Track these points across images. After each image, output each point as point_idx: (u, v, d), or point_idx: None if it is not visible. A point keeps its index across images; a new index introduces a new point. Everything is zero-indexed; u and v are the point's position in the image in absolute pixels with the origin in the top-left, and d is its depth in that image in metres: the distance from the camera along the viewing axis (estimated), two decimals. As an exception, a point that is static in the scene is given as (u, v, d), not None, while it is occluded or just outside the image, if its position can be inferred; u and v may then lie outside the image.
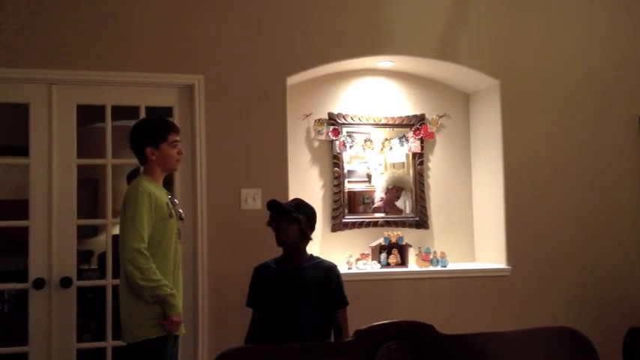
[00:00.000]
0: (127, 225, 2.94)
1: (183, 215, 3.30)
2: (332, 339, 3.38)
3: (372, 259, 4.34)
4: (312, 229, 3.43)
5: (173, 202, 3.18)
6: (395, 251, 4.35)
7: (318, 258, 3.49)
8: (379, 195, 4.62)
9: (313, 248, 4.39)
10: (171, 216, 3.07)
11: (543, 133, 4.49)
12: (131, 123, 3.27)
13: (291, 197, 4.01)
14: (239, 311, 3.50)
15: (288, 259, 3.41)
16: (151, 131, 3.15)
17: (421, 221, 4.61)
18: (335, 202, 4.48)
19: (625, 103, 4.64)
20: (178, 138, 3.19)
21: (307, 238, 3.41)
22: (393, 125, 4.62)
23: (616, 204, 4.58)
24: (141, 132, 3.16)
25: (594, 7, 4.68)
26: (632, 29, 4.73)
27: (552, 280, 4.40)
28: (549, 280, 4.40)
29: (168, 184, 3.41)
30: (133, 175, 4.04)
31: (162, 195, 3.10)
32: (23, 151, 3.79)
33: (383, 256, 4.33)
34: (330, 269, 3.42)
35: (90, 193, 5.67)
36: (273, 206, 3.39)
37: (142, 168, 3.24)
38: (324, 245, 4.44)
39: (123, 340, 3.03)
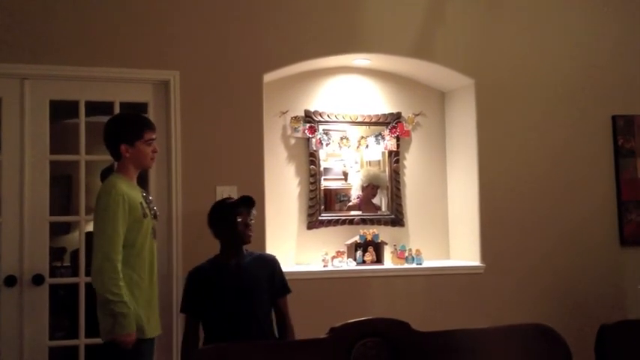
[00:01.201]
0: (101, 229, 2.88)
1: (157, 213, 3.25)
2: (275, 328, 3.44)
3: (348, 257, 4.34)
4: None
5: (147, 201, 3.13)
6: (370, 249, 4.36)
7: (254, 252, 3.53)
8: (355, 193, 4.62)
9: (290, 246, 4.41)
10: (145, 216, 3.01)
11: (518, 132, 4.53)
12: (105, 119, 3.21)
13: (267, 195, 4.02)
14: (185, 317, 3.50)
15: (231, 256, 3.41)
16: (127, 128, 3.09)
17: (397, 219, 4.63)
18: (311, 199, 4.47)
19: (599, 102, 4.70)
20: (154, 136, 3.14)
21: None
22: (370, 123, 4.63)
23: (590, 203, 4.64)
24: (116, 128, 3.10)
25: (569, 8, 4.73)
26: (607, 30, 4.79)
27: (526, 277, 4.45)
28: (523, 277, 4.44)
29: (142, 182, 3.37)
30: (107, 172, 3.98)
31: (136, 194, 3.04)
32: (-5, 146, 3.74)
33: (359, 253, 4.34)
34: (272, 261, 3.51)
35: (63, 189, 5.59)
36: (249, 200, 3.43)
37: (115, 165, 3.20)
38: (300, 243, 4.44)
39: (101, 337, 2.98)
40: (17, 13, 3.72)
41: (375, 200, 4.67)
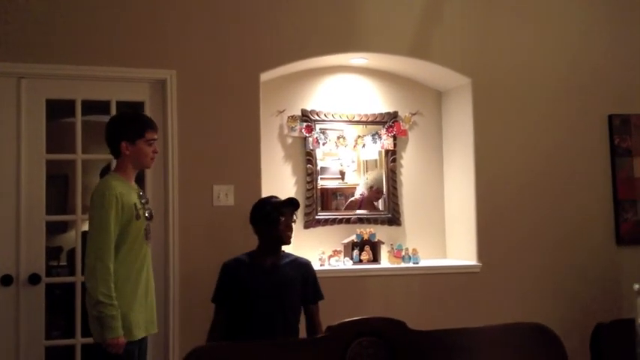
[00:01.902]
0: (94, 229, 2.88)
1: (153, 214, 3.22)
2: (304, 334, 3.42)
3: (345, 256, 4.35)
4: None
5: (142, 201, 3.10)
6: (367, 248, 4.37)
7: (290, 254, 3.51)
8: (360, 190, 4.62)
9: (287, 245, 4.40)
10: (138, 217, 2.98)
11: (514, 132, 4.54)
12: (102, 118, 3.23)
13: (264, 194, 4.01)
14: (210, 308, 3.48)
15: (268, 255, 3.41)
16: (129, 125, 3.07)
17: (393, 218, 4.63)
18: (308, 198, 4.48)
19: (595, 101, 4.71)
20: (156, 136, 3.12)
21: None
22: (366, 122, 4.64)
23: (586, 202, 4.64)
24: (118, 125, 3.09)
25: (566, 8, 4.74)
26: (603, 29, 4.79)
27: (522, 276, 4.45)
28: (519, 276, 4.45)
29: (139, 181, 3.36)
30: (106, 171, 3.98)
31: (131, 195, 3.01)
32: (-9, 145, 3.73)
33: (355, 252, 4.34)
34: (307, 265, 3.50)
35: (59, 188, 5.58)
36: (294, 202, 3.46)
37: (113, 162, 3.19)
38: (297, 242, 4.41)
39: (93, 338, 2.97)
40: (14, 12, 3.71)
41: (376, 203, 4.67)
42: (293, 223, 3.46)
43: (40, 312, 3.70)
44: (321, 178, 4.54)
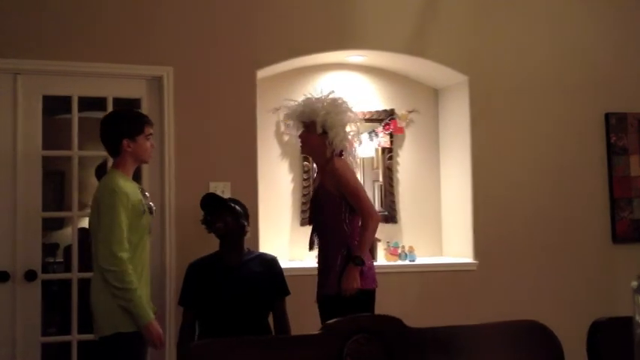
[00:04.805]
0: (107, 228, 2.88)
1: (154, 208, 3.26)
2: (272, 329, 3.46)
3: (341, 253, 4.34)
4: (248, 222, 3.49)
5: (144, 196, 3.14)
6: (364, 245, 4.36)
7: (255, 251, 3.54)
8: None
9: (283, 242, 4.41)
10: (144, 212, 3.02)
11: (511, 129, 4.54)
12: (98, 114, 3.22)
13: (260, 191, 4.01)
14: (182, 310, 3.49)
15: (229, 253, 3.42)
16: (129, 123, 3.08)
17: (390, 216, 4.63)
18: (304, 196, 4.47)
19: (592, 100, 4.71)
20: (152, 131, 3.17)
21: (245, 230, 3.47)
22: (363, 120, 4.63)
23: (583, 200, 4.65)
24: (117, 123, 3.09)
25: (562, 6, 4.74)
26: (599, 27, 4.80)
27: (519, 274, 4.46)
28: (516, 274, 4.45)
29: (136, 177, 3.37)
30: (102, 168, 3.98)
31: (136, 190, 3.06)
32: (-13, 141, 3.72)
33: (352, 250, 4.34)
34: (273, 261, 3.52)
35: (55, 185, 5.58)
36: (211, 198, 3.45)
37: (111, 160, 3.18)
38: (293, 239, 4.44)
39: (95, 334, 2.99)
40: (9, 7, 3.70)
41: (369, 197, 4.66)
42: (223, 217, 3.40)
43: (37, 308, 3.69)
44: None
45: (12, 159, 3.69)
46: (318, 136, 3.43)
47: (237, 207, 3.45)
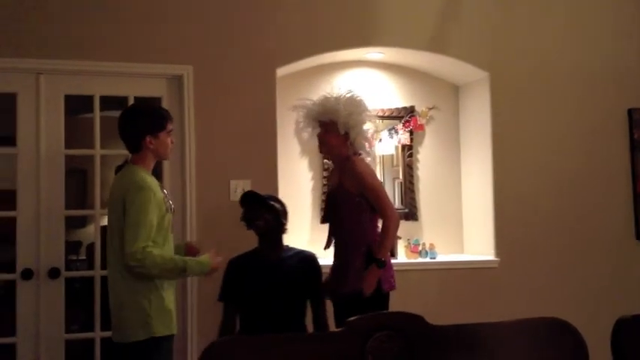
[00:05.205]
0: (134, 226, 2.79)
1: (173, 207, 3.23)
2: (310, 328, 3.45)
3: (362, 251, 4.34)
4: (287, 220, 3.50)
5: (165, 195, 3.08)
6: (384, 243, 4.35)
7: (294, 248, 3.53)
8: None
9: (303, 239, 4.41)
10: (167, 211, 2.97)
11: (532, 126, 4.51)
12: (119, 114, 3.16)
13: (280, 189, 4.02)
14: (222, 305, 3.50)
15: (268, 250, 3.42)
16: (151, 119, 3.01)
17: (410, 213, 4.62)
18: (324, 193, 4.47)
19: (614, 95, 4.67)
20: (173, 127, 3.11)
21: (284, 228, 3.48)
22: (383, 117, 4.62)
23: (606, 196, 4.61)
24: (139, 119, 3.01)
25: (585, 1, 4.69)
26: (621, 22, 4.75)
27: (541, 271, 4.43)
28: (538, 271, 4.42)
29: (157, 176, 3.38)
30: (122, 168, 3.98)
31: (158, 188, 2.99)
32: (10, 141, 3.76)
33: (372, 247, 4.33)
34: (312, 259, 3.52)
35: (78, 183, 5.63)
36: (251, 196, 3.43)
37: (130, 157, 3.10)
38: (313, 237, 4.44)
39: (122, 339, 2.88)
40: (31, 8, 3.73)
41: (389, 194, 4.65)
42: (262, 215, 3.39)
43: (60, 305, 3.74)
44: (338, 173, 4.53)
45: (35, 158, 3.73)
46: (337, 136, 3.43)
47: (276, 205, 3.45)
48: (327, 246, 3.55)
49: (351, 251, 3.38)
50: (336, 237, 3.52)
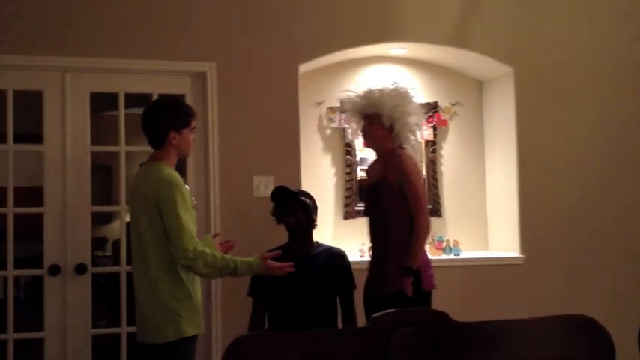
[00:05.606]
0: (175, 225, 2.76)
1: (195, 203, 3.22)
2: (339, 322, 3.46)
3: (385, 247, 4.33)
4: (316, 215, 3.51)
5: (189, 191, 3.08)
6: (407, 239, 4.34)
7: (324, 244, 3.53)
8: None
9: (327, 236, 4.42)
10: (193, 207, 2.96)
11: (559, 122, 4.46)
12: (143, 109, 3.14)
13: (303, 185, 4.02)
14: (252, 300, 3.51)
15: (298, 246, 3.43)
16: (176, 115, 2.97)
17: (434, 209, 4.60)
18: (347, 190, 4.48)
19: (640, 89, 4.60)
20: (196, 124, 3.08)
21: (314, 224, 3.49)
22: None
23: (632, 193, 4.55)
24: (164, 114, 2.97)
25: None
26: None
27: (567, 268, 4.38)
28: (564, 268, 4.38)
29: (180, 172, 3.40)
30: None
31: (184, 184, 2.96)
32: (37, 138, 3.81)
33: (395, 243, 4.32)
34: (342, 256, 3.52)
35: (104, 180, 5.69)
36: (282, 192, 3.44)
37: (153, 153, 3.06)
38: (337, 233, 4.44)
39: (146, 339, 2.84)
40: (58, 6, 3.78)
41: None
42: (293, 210, 3.40)
43: (87, 301, 3.78)
44: (361, 169, 4.52)
45: (61, 155, 3.77)
46: (382, 129, 3.38)
47: (307, 201, 3.46)
48: (371, 240, 3.51)
49: (396, 246, 3.30)
50: (376, 231, 3.45)
